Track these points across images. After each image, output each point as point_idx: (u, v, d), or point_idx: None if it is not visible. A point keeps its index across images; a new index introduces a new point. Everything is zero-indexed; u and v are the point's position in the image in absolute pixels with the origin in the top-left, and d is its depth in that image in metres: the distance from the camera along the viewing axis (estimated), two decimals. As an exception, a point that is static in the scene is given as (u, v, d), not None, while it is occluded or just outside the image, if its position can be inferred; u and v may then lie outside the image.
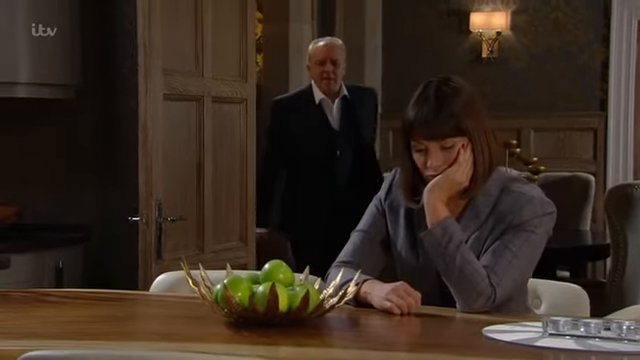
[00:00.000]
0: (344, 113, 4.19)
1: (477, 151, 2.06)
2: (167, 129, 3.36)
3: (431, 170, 2.06)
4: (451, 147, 2.05)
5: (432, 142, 2.04)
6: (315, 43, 4.30)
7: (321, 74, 4.14)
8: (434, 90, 2.07)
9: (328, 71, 4.13)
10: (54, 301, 2.17)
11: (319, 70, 4.15)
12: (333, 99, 4.19)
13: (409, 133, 2.07)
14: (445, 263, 2.03)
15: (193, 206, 3.54)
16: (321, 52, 4.17)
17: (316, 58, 4.17)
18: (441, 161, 2.05)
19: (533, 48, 6.45)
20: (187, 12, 3.50)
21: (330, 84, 4.15)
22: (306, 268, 2.07)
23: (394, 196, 2.20)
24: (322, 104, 4.19)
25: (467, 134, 2.05)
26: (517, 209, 2.06)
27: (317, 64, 4.16)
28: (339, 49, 4.24)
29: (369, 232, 2.21)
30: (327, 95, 4.18)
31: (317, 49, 4.21)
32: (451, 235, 2.03)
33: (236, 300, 1.85)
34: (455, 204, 2.11)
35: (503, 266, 2.03)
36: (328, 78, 4.13)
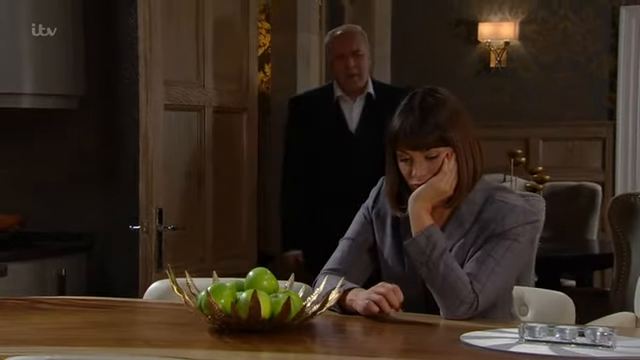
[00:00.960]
0: (365, 114, 3.63)
1: (461, 161, 2.09)
2: (168, 139, 3.41)
3: (416, 179, 2.09)
4: (435, 157, 2.08)
5: (416, 152, 2.07)
6: (332, 35, 3.74)
7: (345, 70, 3.59)
8: (419, 101, 2.10)
9: (350, 66, 3.58)
10: (46, 308, 2.21)
11: (341, 66, 3.61)
12: (355, 97, 3.65)
13: (394, 143, 2.11)
14: (429, 271, 2.06)
15: (194, 215, 3.58)
16: (339, 44, 3.63)
17: (335, 52, 3.65)
18: (425, 170, 2.08)
19: (541, 58, 6.45)
20: (188, 23, 3.54)
21: (355, 81, 3.60)
22: (291, 275, 2.10)
23: (381, 205, 2.23)
24: (340, 102, 3.66)
25: (451, 144, 2.08)
26: (500, 218, 2.08)
27: (337, 59, 3.63)
28: (360, 37, 3.68)
29: (356, 240, 2.24)
30: (349, 93, 3.65)
31: (334, 42, 3.67)
32: (435, 243, 2.05)
33: (219, 307, 1.88)
34: (440, 213, 2.13)
35: (486, 274, 2.05)
36: (352, 74, 3.58)
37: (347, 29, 3.79)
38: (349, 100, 3.65)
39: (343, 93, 3.63)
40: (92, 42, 3.63)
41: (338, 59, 3.60)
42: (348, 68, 3.58)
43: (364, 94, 3.63)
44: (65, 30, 3.53)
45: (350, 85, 3.61)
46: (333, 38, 3.69)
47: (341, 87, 3.63)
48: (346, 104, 3.65)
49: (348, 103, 3.65)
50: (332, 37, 3.71)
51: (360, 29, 3.82)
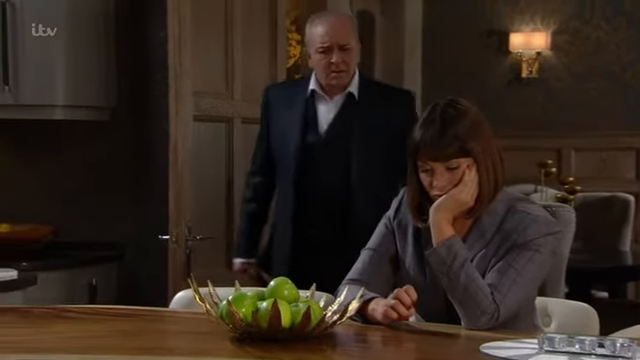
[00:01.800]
0: (341, 115, 3.04)
1: (482, 172, 2.10)
2: (197, 150, 3.45)
3: (437, 190, 2.10)
4: (456, 168, 2.08)
5: (437, 163, 2.08)
6: (315, 22, 3.05)
7: (328, 67, 2.99)
8: (440, 112, 2.11)
9: (337, 62, 2.98)
10: (73, 317, 2.24)
11: (324, 61, 2.99)
12: (333, 95, 3.06)
13: (415, 154, 2.12)
14: (450, 281, 2.06)
15: (222, 225, 3.61)
16: (325, 35, 2.99)
17: (317, 45, 3.00)
18: (446, 181, 2.09)
19: (574, 68, 6.42)
20: (217, 35, 3.59)
21: (341, 77, 3.02)
22: (312, 285, 2.11)
23: (403, 215, 2.23)
24: (315, 99, 3.07)
25: (472, 155, 2.09)
26: (522, 228, 2.08)
27: (321, 52, 3.00)
28: (350, 27, 3.06)
29: (378, 250, 2.25)
30: (328, 90, 3.06)
31: (317, 33, 3.01)
32: (455, 253, 2.06)
33: (240, 316, 1.90)
34: (461, 224, 2.14)
35: (507, 284, 2.05)
36: (338, 71, 2.99)
37: (335, 17, 3.09)
38: (326, 97, 3.06)
39: (320, 89, 3.06)
40: (123, 55, 3.69)
41: (322, 52, 2.99)
42: (334, 64, 2.99)
43: (345, 92, 3.05)
44: (97, 43, 3.59)
45: (333, 82, 3.03)
46: (317, 27, 3.03)
47: (320, 83, 3.05)
48: (321, 102, 3.07)
49: (324, 101, 3.07)
50: (316, 25, 3.04)
51: (349, 16, 3.26)
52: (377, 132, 3.03)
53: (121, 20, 3.67)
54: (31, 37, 3.40)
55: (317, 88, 3.06)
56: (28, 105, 3.46)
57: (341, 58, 2.98)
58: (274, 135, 3.13)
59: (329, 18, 3.05)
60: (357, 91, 3.05)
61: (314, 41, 3.03)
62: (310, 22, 3.09)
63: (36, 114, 3.51)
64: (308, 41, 3.08)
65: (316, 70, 3.06)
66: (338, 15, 3.15)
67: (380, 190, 2.95)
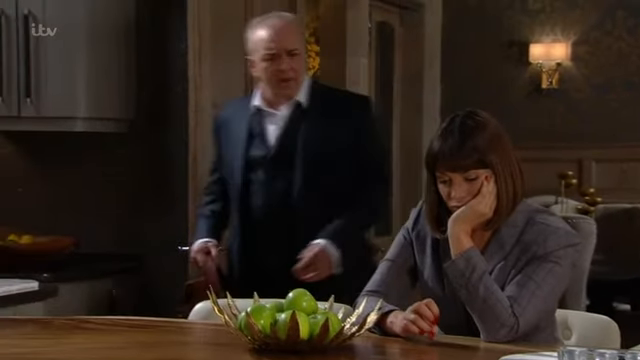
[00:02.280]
0: (289, 126, 2.81)
1: (501, 183, 2.09)
2: (216, 161, 3.46)
3: (455, 201, 2.09)
4: (475, 179, 2.08)
5: (456, 174, 2.08)
6: (256, 28, 2.81)
7: (276, 75, 2.76)
8: (459, 124, 2.11)
9: (286, 70, 2.75)
10: (92, 328, 2.25)
11: (270, 69, 2.76)
12: (278, 106, 2.83)
13: (433, 165, 2.11)
14: (468, 293, 2.05)
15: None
16: (269, 42, 2.74)
17: (263, 52, 2.76)
18: (465, 192, 2.08)
19: (594, 79, 6.39)
20: (236, 46, 3.59)
21: (290, 86, 2.79)
22: (331, 297, 2.11)
23: (421, 226, 2.23)
24: (261, 113, 2.85)
25: (490, 167, 2.08)
26: (542, 240, 2.07)
27: (265, 60, 2.76)
28: (296, 31, 2.83)
29: (396, 261, 2.24)
30: (274, 101, 2.83)
31: (261, 38, 2.77)
32: (474, 266, 2.05)
33: (258, 327, 1.90)
34: (480, 235, 2.13)
35: (526, 297, 2.03)
36: (287, 79, 2.76)
37: (279, 20, 2.82)
38: (272, 110, 2.84)
39: (264, 102, 2.84)
40: (143, 66, 3.71)
41: (268, 60, 2.75)
42: (282, 72, 2.75)
43: (292, 102, 2.82)
44: (118, 55, 3.61)
45: (282, 92, 2.80)
46: (260, 32, 2.78)
47: (266, 94, 2.83)
48: (268, 115, 2.84)
49: (270, 114, 2.84)
50: (258, 30, 2.80)
51: (294, 18, 2.98)
52: (329, 143, 2.78)
53: (142, 32, 3.70)
54: (53, 50, 3.43)
55: (261, 103, 2.84)
56: (49, 117, 3.49)
57: (290, 65, 2.75)
58: (225, 158, 2.92)
59: (273, 22, 2.80)
60: (306, 99, 2.82)
61: (258, 48, 2.77)
62: (251, 27, 2.83)
63: (57, 126, 3.54)
64: (250, 48, 2.81)
65: (262, 80, 2.82)
66: (282, 18, 2.84)
67: (334, 207, 2.76)
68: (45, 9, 3.40)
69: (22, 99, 3.43)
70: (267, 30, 2.77)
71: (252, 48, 2.81)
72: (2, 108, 3.44)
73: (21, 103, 3.44)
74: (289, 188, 2.79)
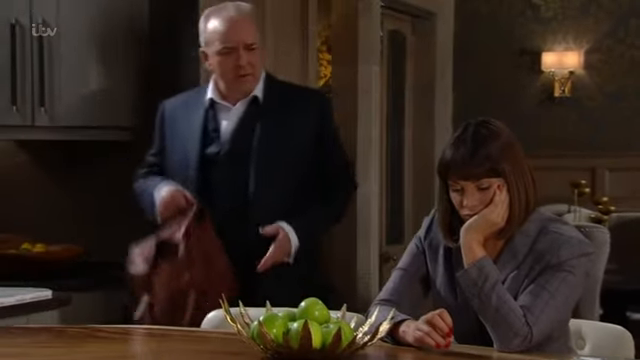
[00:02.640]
0: (245, 122, 2.70)
1: (513, 193, 2.08)
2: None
3: (467, 210, 2.09)
4: (487, 188, 2.07)
5: (468, 182, 2.08)
6: (212, 19, 2.70)
7: (234, 70, 2.66)
8: (472, 132, 2.10)
9: (243, 65, 2.64)
10: (105, 337, 2.26)
11: (229, 63, 2.65)
12: (235, 101, 2.72)
13: (446, 173, 2.11)
14: (481, 303, 2.05)
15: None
16: (227, 35, 2.64)
17: (220, 46, 2.65)
18: (477, 201, 2.08)
19: (607, 87, 6.38)
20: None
21: (249, 82, 2.69)
22: (343, 306, 2.11)
23: (434, 235, 2.23)
24: (215, 108, 2.75)
25: (503, 176, 2.07)
26: (555, 249, 2.06)
27: (222, 54, 2.66)
28: (253, 23, 2.70)
29: (408, 270, 2.24)
30: (230, 96, 2.72)
31: (218, 31, 2.66)
32: (487, 275, 2.05)
33: (271, 337, 1.90)
34: (493, 244, 2.12)
35: (540, 306, 2.03)
36: (244, 74, 2.66)
37: (237, 13, 2.68)
38: (227, 105, 2.72)
39: (219, 96, 2.73)
40: (155, 75, 3.72)
41: (226, 54, 2.65)
42: (240, 67, 2.64)
43: (248, 97, 2.71)
44: (130, 63, 3.62)
45: (239, 87, 2.69)
46: (217, 24, 2.67)
47: (220, 88, 2.72)
48: (223, 110, 2.73)
49: (225, 109, 2.73)
50: (215, 22, 2.68)
51: (251, 9, 2.76)
52: (286, 140, 2.69)
53: (154, 40, 3.71)
54: (66, 59, 3.45)
55: (216, 96, 2.72)
56: (63, 126, 3.50)
57: (247, 60, 2.64)
58: (172, 151, 2.78)
59: (231, 13, 2.67)
60: (262, 95, 2.72)
61: (214, 41, 2.66)
62: (207, 18, 2.70)
63: (71, 135, 3.55)
64: (205, 40, 2.69)
65: (217, 74, 2.70)
66: (240, 9, 2.69)
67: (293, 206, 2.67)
68: (59, 19, 3.42)
69: (36, 108, 3.45)
70: (224, 22, 2.66)
71: (207, 40, 2.69)
72: (16, 117, 3.46)
73: (35, 112, 3.45)
74: (245, 186, 2.67)
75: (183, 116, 2.78)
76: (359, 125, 5.34)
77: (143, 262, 2.66)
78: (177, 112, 2.82)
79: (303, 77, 3.88)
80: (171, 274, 2.62)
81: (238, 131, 2.71)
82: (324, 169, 2.75)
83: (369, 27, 5.34)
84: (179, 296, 2.61)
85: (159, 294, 2.61)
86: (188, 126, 2.75)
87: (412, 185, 6.28)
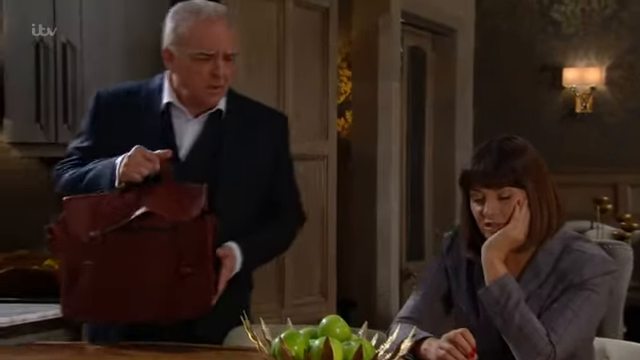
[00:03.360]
0: (206, 137, 2.42)
1: (534, 209, 2.07)
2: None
3: (487, 219, 2.07)
4: (508, 197, 2.06)
5: (490, 190, 2.06)
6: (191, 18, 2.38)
7: (210, 79, 2.36)
8: (496, 146, 2.10)
9: (219, 76, 2.36)
10: (124, 353, 2.26)
11: (204, 71, 2.35)
12: (197, 112, 2.43)
13: (468, 184, 2.10)
14: (504, 321, 2.03)
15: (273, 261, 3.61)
16: (209, 40, 2.35)
17: (199, 50, 2.35)
18: (497, 210, 2.06)
19: (628, 103, 6.34)
20: (269, 73, 3.63)
21: (220, 95, 2.42)
22: (364, 323, 2.10)
23: (455, 253, 2.22)
24: (171, 116, 2.42)
25: (525, 189, 2.06)
26: (578, 268, 2.05)
27: (199, 60, 2.35)
28: (231, 27, 2.41)
29: (430, 288, 2.23)
30: (193, 107, 2.42)
31: (200, 33, 2.36)
32: (509, 293, 2.03)
33: (292, 354, 1.90)
34: (515, 262, 2.11)
35: (563, 325, 2.01)
36: (217, 86, 2.38)
37: (217, 17, 2.38)
38: (187, 115, 2.42)
39: (181, 104, 2.42)
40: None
41: (199, 61, 2.35)
42: (216, 78, 2.36)
43: (211, 111, 2.43)
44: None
45: (207, 99, 2.41)
46: (198, 24, 2.36)
47: (182, 95, 2.41)
48: (180, 119, 2.43)
49: (183, 119, 2.43)
50: (196, 22, 2.37)
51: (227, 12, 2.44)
52: (249, 161, 2.43)
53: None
54: (90, 75, 3.47)
55: (176, 101, 2.41)
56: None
57: (224, 71, 2.36)
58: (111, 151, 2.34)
59: (211, 16, 2.37)
60: (225, 109, 2.44)
61: (188, 42, 2.35)
62: (179, 14, 2.40)
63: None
64: (176, 39, 2.37)
65: (183, 79, 2.39)
66: (218, 11, 2.40)
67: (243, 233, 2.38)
68: (82, 37, 3.45)
69: (60, 125, 3.48)
70: (203, 24, 2.36)
71: (179, 40, 2.37)
72: (40, 135, 3.49)
73: (58, 129, 3.48)
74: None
75: (129, 115, 2.42)
76: (379, 142, 5.35)
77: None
78: (119, 108, 2.44)
79: (323, 93, 3.89)
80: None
81: (199, 147, 2.41)
82: (278, 196, 2.51)
83: (389, 43, 5.36)
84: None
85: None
86: (136, 128, 2.39)
87: (432, 201, 6.27)
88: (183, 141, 2.41)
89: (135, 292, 2.22)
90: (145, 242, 2.22)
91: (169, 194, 2.25)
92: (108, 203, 2.26)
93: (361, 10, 5.27)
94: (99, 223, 2.25)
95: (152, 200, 2.23)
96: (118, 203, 2.25)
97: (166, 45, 2.42)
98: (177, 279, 2.21)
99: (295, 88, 3.72)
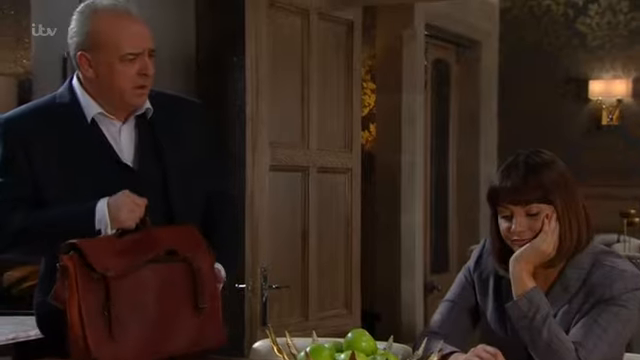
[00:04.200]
0: (142, 139, 2.28)
1: (564, 224, 2.04)
2: (273, 199, 3.48)
3: (515, 235, 2.05)
4: (536, 214, 2.03)
5: (517, 207, 2.04)
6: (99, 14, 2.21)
7: (136, 80, 2.21)
8: (524, 159, 2.08)
9: (147, 74, 2.23)
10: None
11: (129, 73, 2.20)
12: (124, 116, 2.27)
13: (495, 199, 2.08)
14: (531, 335, 2.01)
15: (298, 274, 3.61)
16: (134, 38, 2.20)
17: (125, 50, 2.19)
18: (525, 227, 2.04)
19: (656, 115, 6.28)
20: (293, 86, 3.63)
21: (144, 95, 2.26)
22: (390, 337, 2.09)
23: (483, 266, 2.19)
24: (100, 124, 2.25)
25: (553, 204, 2.04)
26: (608, 283, 2.02)
27: (127, 61, 2.19)
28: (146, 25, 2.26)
29: (457, 302, 2.21)
30: (118, 110, 2.26)
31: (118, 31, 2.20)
32: (537, 307, 2.01)
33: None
34: (544, 277, 2.08)
35: (592, 340, 1.98)
36: (144, 86, 2.24)
37: (132, 13, 2.24)
38: (114, 121, 2.27)
39: (104, 111, 2.25)
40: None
41: (127, 61, 2.20)
42: (144, 77, 2.22)
43: (138, 112, 2.28)
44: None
45: (134, 101, 2.25)
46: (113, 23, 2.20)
47: (105, 101, 2.24)
48: (109, 127, 2.26)
49: (112, 125, 2.27)
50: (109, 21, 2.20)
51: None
52: (187, 156, 2.30)
53: (201, 73, 3.75)
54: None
55: (101, 110, 2.24)
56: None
57: (149, 69, 2.22)
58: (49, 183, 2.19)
59: (131, 14, 2.22)
60: (150, 109, 2.29)
61: (112, 44, 2.18)
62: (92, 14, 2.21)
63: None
64: (94, 42, 2.19)
65: (107, 84, 2.22)
66: (132, 10, 2.24)
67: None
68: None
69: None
70: (127, 23, 2.20)
71: (97, 42, 2.19)
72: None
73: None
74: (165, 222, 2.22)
75: (54, 139, 2.21)
76: (403, 154, 5.35)
77: None
78: (38, 133, 2.22)
79: (347, 106, 3.89)
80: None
81: (142, 154, 2.26)
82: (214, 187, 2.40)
83: (413, 56, 5.36)
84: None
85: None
86: (68, 150, 2.21)
87: (457, 213, 6.24)
88: (122, 151, 2.25)
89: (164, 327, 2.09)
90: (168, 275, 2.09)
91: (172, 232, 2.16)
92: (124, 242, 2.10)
93: (385, 23, 5.27)
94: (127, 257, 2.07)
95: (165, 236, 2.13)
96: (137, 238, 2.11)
97: (81, 50, 2.22)
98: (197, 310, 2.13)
99: (319, 101, 3.72)
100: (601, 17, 6.44)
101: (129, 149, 2.26)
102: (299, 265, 3.63)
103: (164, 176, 2.27)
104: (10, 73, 3.96)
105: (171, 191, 2.26)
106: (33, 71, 3.73)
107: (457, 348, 2.09)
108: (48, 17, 3.61)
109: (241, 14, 3.41)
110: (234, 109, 3.72)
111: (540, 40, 6.57)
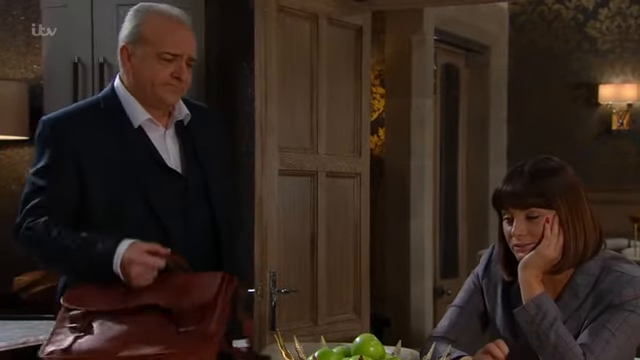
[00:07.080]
0: (190, 153, 2.35)
1: (568, 233, 2.03)
2: (282, 204, 3.48)
3: (515, 239, 2.05)
4: (536, 217, 2.03)
5: (517, 210, 2.04)
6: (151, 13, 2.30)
7: (170, 80, 2.26)
8: (530, 165, 2.08)
9: (180, 78, 2.28)
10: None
11: (164, 71, 2.25)
12: (165, 121, 2.33)
13: (499, 203, 2.08)
14: (539, 340, 2.01)
15: (307, 278, 3.61)
16: (176, 41, 2.27)
17: (165, 49, 2.25)
18: (525, 231, 2.04)
19: (666, 119, 6.27)
20: (302, 91, 3.63)
21: (176, 94, 2.31)
22: (398, 342, 2.09)
23: (492, 272, 2.19)
24: (146, 130, 2.30)
25: (555, 208, 2.03)
26: (618, 288, 2.01)
27: (163, 59, 2.25)
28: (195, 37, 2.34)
29: (466, 308, 2.21)
30: (157, 114, 2.31)
31: (163, 30, 2.27)
32: (545, 312, 2.01)
33: (325, 373, 1.89)
34: (552, 284, 2.08)
35: (600, 345, 1.98)
36: (179, 90, 2.30)
37: (185, 21, 2.32)
38: (159, 126, 2.32)
39: (150, 115, 2.30)
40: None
41: (168, 60, 2.26)
42: (177, 80, 2.28)
43: (180, 117, 2.36)
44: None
45: (167, 97, 2.29)
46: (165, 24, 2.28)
47: (146, 104, 2.29)
48: (154, 133, 2.32)
49: (157, 131, 2.32)
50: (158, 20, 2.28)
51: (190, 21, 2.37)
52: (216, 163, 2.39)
53: (210, 78, 3.77)
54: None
55: (148, 115, 2.29)
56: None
57: (187, 76, 2.29)
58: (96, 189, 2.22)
59: (182, 20, 2.31)
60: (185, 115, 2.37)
61: (154, 41, 2.25)
62: (144, 12, 2.29)
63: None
64: (138, 36, 2.26)
65: (146, 79, 2.26)
66: (186, 18, 2.33)
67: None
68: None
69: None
70: (172, 24, 2.28)
71: (144, 39, 2.25)
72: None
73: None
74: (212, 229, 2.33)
75: (102, 143, 2.24)
76: (412, 159, 5.34)
77: None
78: (86, 136, 2.24)
79: (356, 111, 3.89)
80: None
81: (185, 161, 2.33)
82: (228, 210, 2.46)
83: (423, 60, 5.36)
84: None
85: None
86: (115, 155, 2.24)
87: (466, 218, 6.24)
88: (169, 157, 2.30)
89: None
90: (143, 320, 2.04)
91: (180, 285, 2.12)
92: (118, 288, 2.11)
93: (394, 28, 5.27)
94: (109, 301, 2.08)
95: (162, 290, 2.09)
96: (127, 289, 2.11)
97: (124, 43, 2.29)
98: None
99: (328, 106, 3.72)
100: (611, 21, 6.43)
101: (175, 155, 2.32)
102: (308, 270, 3.63)
103: (205, 181, 2.33)
104: (21, 78, 3.99)
105: (212, 195, 2.34)
106: (44, 76, 3.76)
107: (465, 353, 2.09)
108: (59, 23, 3.63)
109: (250, 19, 3.41)
110: (243, 114, 3.73)
111: (550, 44, 6.56)
